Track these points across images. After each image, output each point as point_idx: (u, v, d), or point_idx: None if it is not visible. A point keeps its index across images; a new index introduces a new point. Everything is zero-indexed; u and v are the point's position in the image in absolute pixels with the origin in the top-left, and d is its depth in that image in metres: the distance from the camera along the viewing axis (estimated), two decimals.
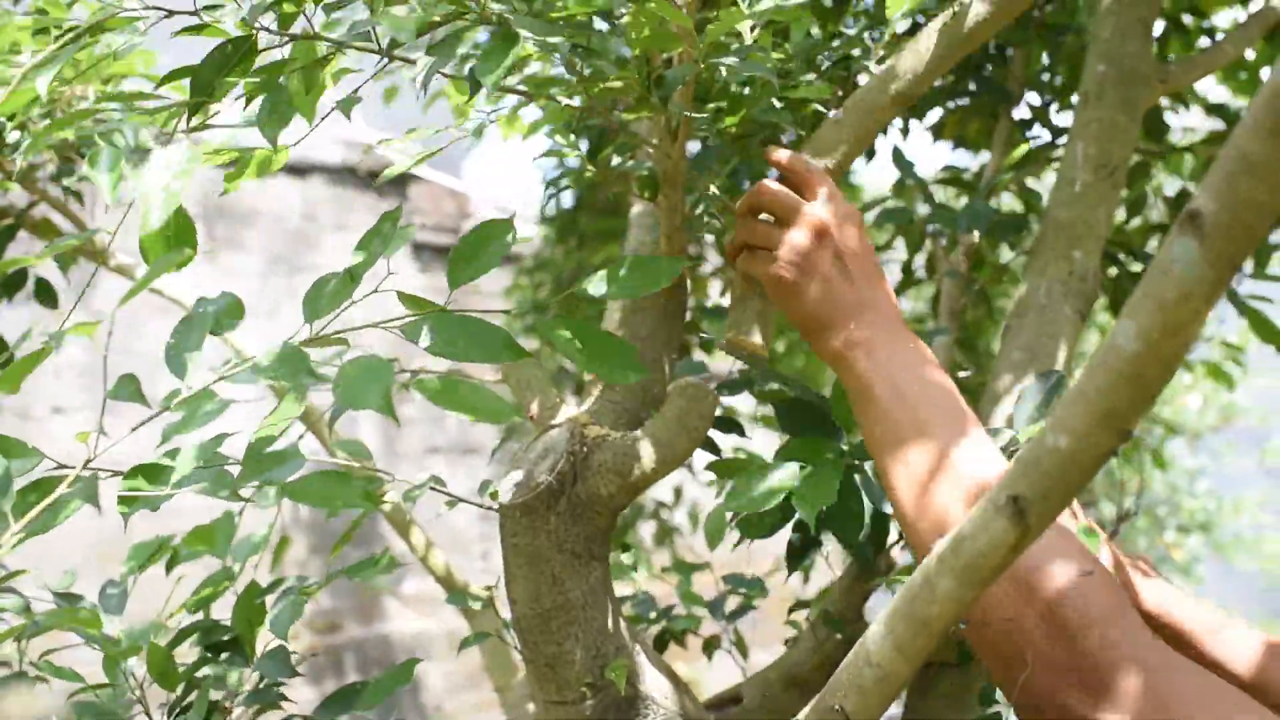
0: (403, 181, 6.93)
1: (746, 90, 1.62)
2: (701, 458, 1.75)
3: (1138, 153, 2.40)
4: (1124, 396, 0.89)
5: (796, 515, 1.54)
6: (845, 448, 1.42)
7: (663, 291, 1.67)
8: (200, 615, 1.71)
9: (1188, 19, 2.50)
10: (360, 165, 6.77)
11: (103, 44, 1.90)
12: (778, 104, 1.59)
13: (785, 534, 1.66)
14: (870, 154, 2.70)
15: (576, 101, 1.47)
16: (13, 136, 1.90)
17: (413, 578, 6.51)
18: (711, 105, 1.60)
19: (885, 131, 2.67)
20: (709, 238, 2.60)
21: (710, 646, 2.11)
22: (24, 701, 1.72)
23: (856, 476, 1.41)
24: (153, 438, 1.20)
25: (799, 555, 1.70)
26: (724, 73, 1.51)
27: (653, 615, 2.03)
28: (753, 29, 1.62)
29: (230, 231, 6.34)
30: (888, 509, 1.54)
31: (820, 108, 1.71)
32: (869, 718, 1.15)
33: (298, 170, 6.76)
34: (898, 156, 2.51)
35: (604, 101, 1.52)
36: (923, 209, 2.22)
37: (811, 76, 1.76)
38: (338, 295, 1.17)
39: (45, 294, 2.55)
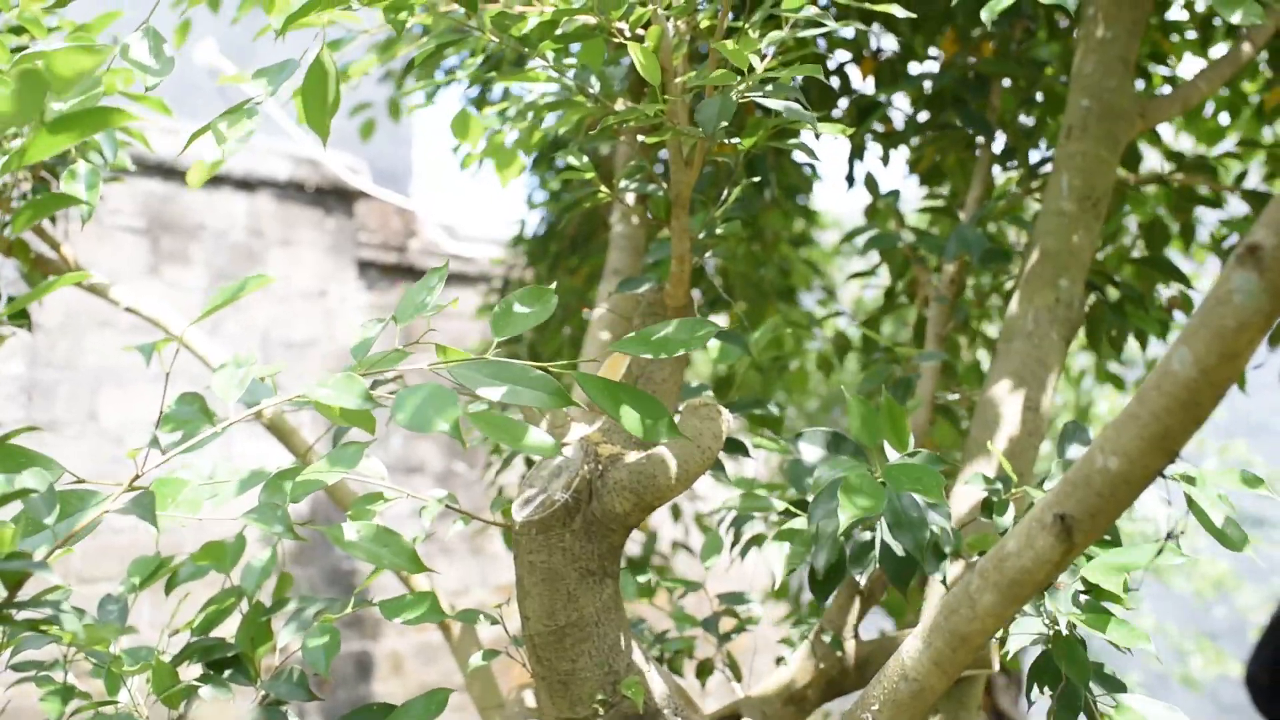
0: (349, 198, 6.88)
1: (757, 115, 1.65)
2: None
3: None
4: (1177, 420, 0.93)
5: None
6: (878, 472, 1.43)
7: (670, 314, 1.70)
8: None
9: (1152, 65, 2.58)
10: (307, 181, 6.72)
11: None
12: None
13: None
14: (850, 181, 2.75)
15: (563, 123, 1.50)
16: None
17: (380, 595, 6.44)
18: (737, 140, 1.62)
19: (861, 156, 2.72)
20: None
21: (705, 671, 2.12)
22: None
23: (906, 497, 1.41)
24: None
25: (825, 584, 1.67)
26: (736, 100, 1.55)
27: (646, 635, 2.04)
28: (763, 58, 1.65)
29: (176, 245, 6.26)
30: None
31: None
32: None
33: (245, 184, 6.69)
34: (870, 182, 2.56)
35: (614, 123, 1.55)
36: (907, 236, 2.27)
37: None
38: (390, 359, 1.18)
39: (22, 318, 2.50)
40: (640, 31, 1.45)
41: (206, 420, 1.17)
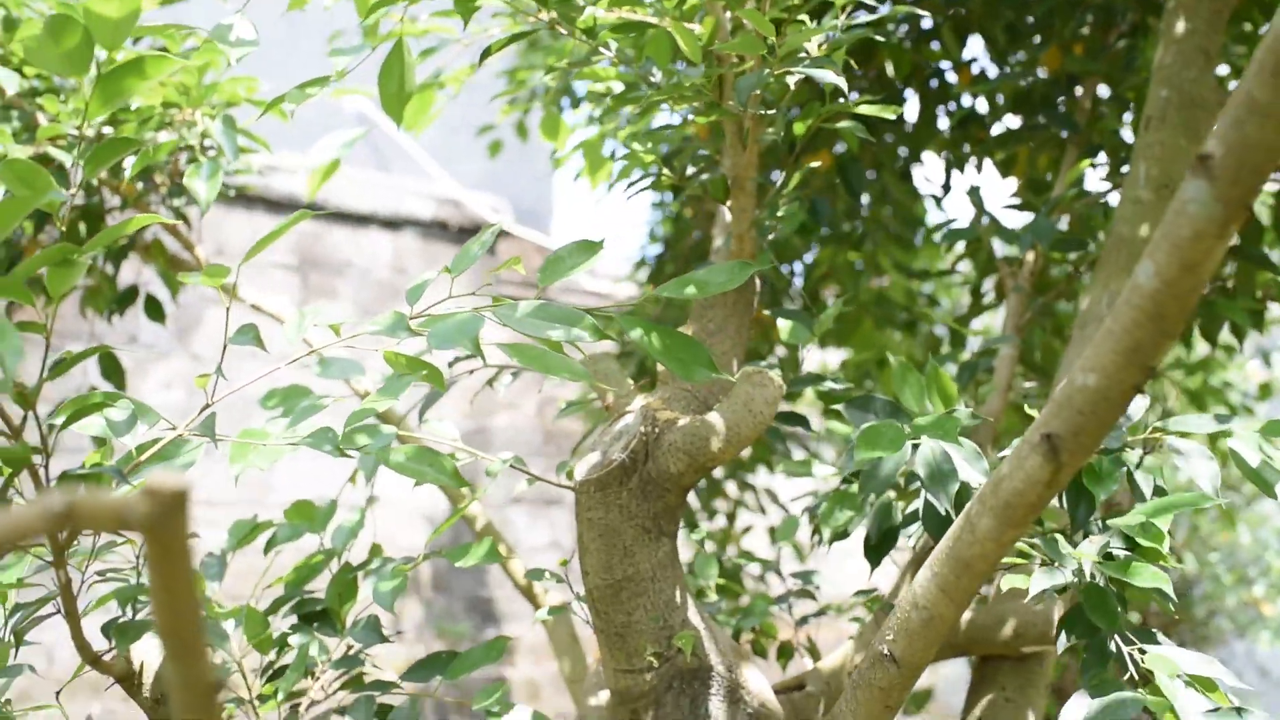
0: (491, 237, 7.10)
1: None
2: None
3: None
4: (1146, 333, 0.97)
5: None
6: (908, 428, 1.48)
7: (732, 291, 1.77)
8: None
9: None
10: (450, 220, 6.98)
11: (211, 74, 2.07)
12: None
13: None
14: (946, 189, 2.78)
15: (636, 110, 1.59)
16: (128, 161, 2.06)
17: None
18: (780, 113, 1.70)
19: (962, 168, 2.76)
20: None
21: (785, 654, 2.16)
22: None
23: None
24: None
25: (877, 550, 1.73)
26: (791, 85, 1.62)
27: (723, 617, 2.10)
28: (820, 45, 1.72)
29: (324, 281, 6.56)
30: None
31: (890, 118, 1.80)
32: (916, 660, 1.22)
33: (391, 223, 6.99)
34: (973, 194, 2.58)
35: (677, 107, 1.64)
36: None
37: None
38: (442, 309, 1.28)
39: (154, 310, 2.72)
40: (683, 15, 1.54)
41: (258, 344, 1.29)
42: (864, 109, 1.70)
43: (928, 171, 2.45)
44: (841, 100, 1.68)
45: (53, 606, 1.36)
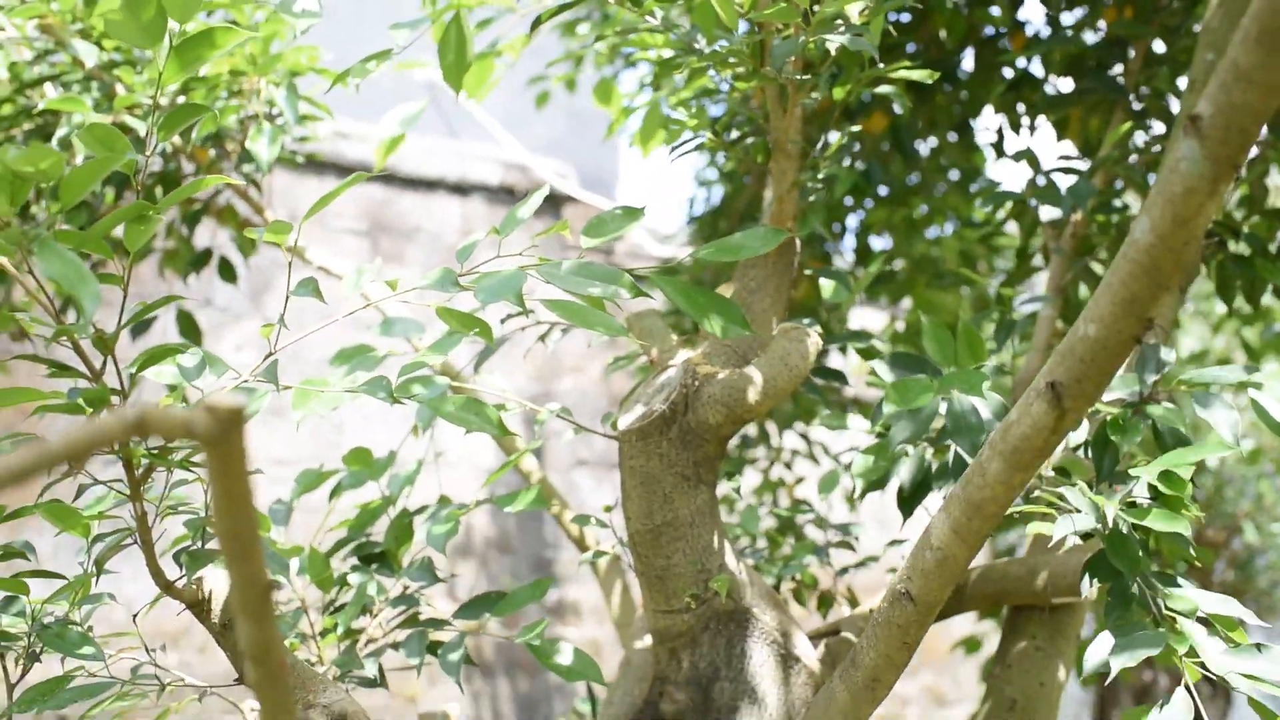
0: (557, 202, 7.20)
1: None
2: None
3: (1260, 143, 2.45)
4: (1142, 285, 1.02)
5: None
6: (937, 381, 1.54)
7: (772, 251, 1.84)
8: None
9: None
10: (517, 185, 7.08)
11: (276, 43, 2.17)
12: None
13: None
14: (999, 152, 2.81)
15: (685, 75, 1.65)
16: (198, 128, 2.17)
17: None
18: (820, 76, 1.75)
19: (1017, 130, 2.78)
20: None
21: (825, 603, 2.24)
22: None
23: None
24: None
25: (910, 501, 1.79)
26: (832, 50, 1.68)
27: (766, 566, 2.17)
28: (861, 12, 1.77)
29: (394, 246, 6.69)
30: None
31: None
32: (931, 599, 1.28)
33: (459, 189, 7.09)
34: (1029, 155, 2.61)
35: (723, 73, 1.70)
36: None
37: None
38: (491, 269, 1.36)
39: (227, 271, 2.84)
40: None
41: (318, 297, 1.38)
42: (903, 73, 1.75)
43: (987, 123, 2.50)
44: (881, 65, 1.73)
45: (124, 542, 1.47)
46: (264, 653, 0.79)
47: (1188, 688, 1.30)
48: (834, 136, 1.87)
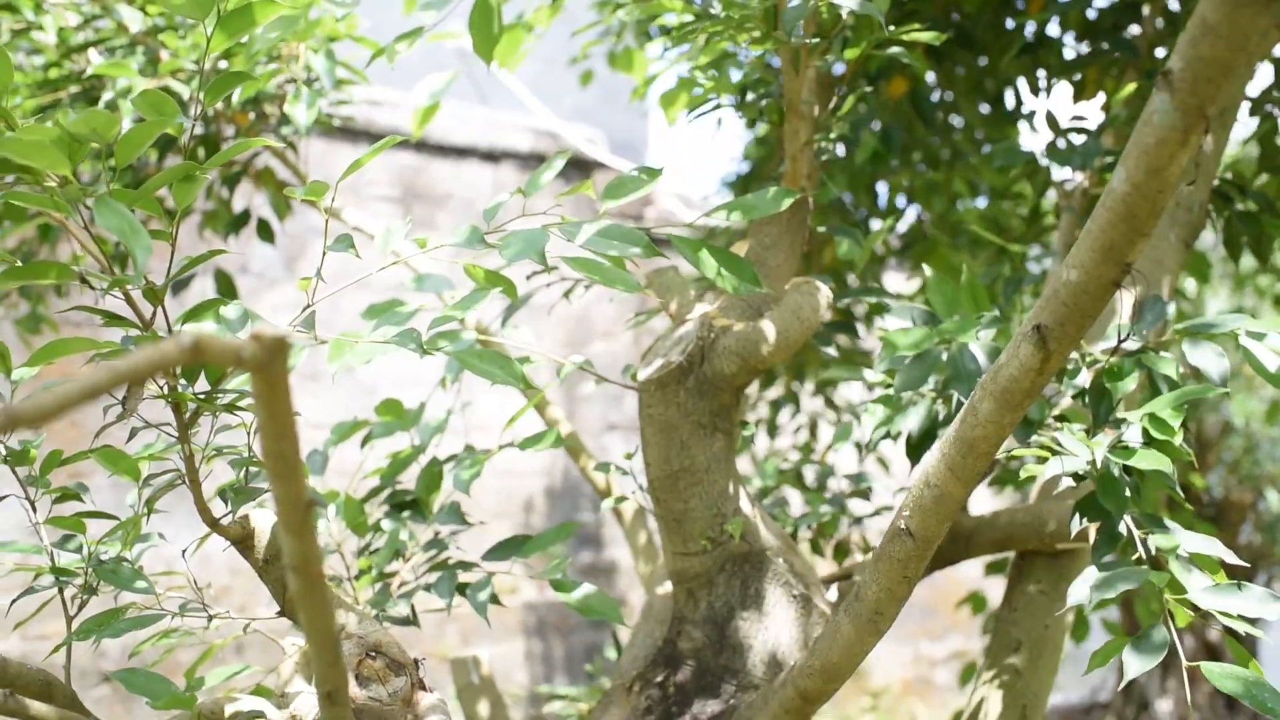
0: (587, 169, 7.26)
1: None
2: None
3: (1271, 101, 2.49)
4: (1120, 232, 1.09)
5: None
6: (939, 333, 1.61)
7: (787, 209, 1.91)
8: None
9: None
10: (548, 152, 7.14)
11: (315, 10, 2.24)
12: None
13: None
14: (1017, 114, 2.85)
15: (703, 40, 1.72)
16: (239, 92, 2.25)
17: None
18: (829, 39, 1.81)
19: (1036, 93, 2.83)
20: None
21: (841, 552, 2.32)
22: None
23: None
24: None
25: (917, 449, 1.85)
26: (844, 14, 1.74)
27: (786, 516, 2.25)
28: None
29: (426, 212, 6.78)
30: None
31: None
32: (929, 534, 1.36)
33: (490, 156, 7.17)
34: (1050, 119, 2.65)
35: (739, 38, 1.77)
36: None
37: None
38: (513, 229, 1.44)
39: (265, 232, 2.94)
40: None
41: (353, 252, 1.46)
42: (913, 35, 1.81)
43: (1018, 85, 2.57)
44: (891, 29, 1.79)
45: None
46: (304, 563, 0.88)
47: (1167, 625, 1.37)
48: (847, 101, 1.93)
